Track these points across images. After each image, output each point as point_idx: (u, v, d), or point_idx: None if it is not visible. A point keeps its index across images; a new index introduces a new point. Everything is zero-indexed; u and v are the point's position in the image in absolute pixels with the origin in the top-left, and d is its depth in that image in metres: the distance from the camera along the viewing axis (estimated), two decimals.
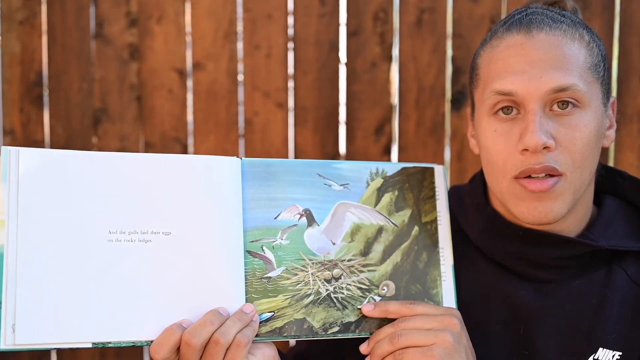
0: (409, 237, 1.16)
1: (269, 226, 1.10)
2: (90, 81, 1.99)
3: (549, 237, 1.14)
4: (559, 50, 1.08)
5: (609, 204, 1.21)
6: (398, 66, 1.83)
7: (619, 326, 1.11)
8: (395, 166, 1.19)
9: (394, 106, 1.85)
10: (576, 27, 1.12)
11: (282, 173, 1.12)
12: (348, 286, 1.12)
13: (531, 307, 1.14)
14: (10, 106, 2.04)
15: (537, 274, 1.16)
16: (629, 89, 1.71)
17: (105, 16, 1.96)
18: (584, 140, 1.08)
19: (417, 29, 1.80)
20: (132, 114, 1.98)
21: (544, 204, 1.09)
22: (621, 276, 1.13)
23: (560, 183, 1.08)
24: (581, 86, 1.07)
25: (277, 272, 1.09)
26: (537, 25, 1.10)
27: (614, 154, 1.75)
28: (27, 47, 2.02)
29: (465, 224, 1.23)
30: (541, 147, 1.06)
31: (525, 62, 1.08)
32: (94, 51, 1.99)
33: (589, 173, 1.11)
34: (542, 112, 1.08)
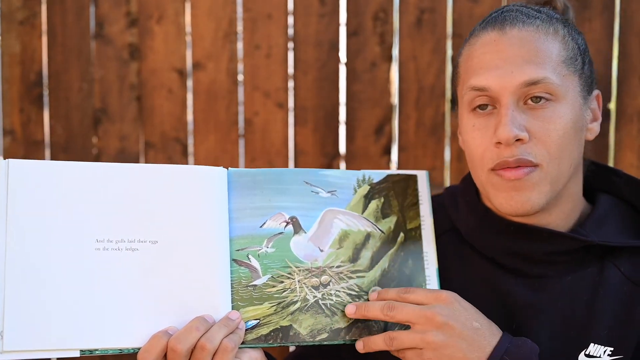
0: (395, 244, 1.18)
1: (254, 235, 1.11)
2: (90, 81, 1.99)
3: (540, 232, 1.16)
4: (531, 45, 1.11)
5: (603, 201, 1.22)
6: (398, 66, 1.83)
7: (610, 322, 1.12)
8: (381, 174, 1.20)
9: (394, 106, 1.85)
10: (551, 22, 1.14)
11: (268, 182, 1.14)
12: (337, 292, 1.12)
13: (523, 303, 1.15)
14: (10, 106, 2.04)
15: (529, 270, 1.17)
16: (629, 89, 1.71)
17: (105, 16, 1.96)
18: (558, 132, 1.10)
19: (417, 29, 1.80)
20: (132, 114, 1.98)
21: (520, 194, 1.12)
22: (614, 273, 1.14)
23: (536, 173, 1.11)
24: (554, 79, 1.10)
25: (262, 280, 1.10)
26: (510, 22, 1.14)
27: (614, 154, 1.75)
28: (27, 47, 2.02)
29: (459, 221, 1.25)
30: (513, 140, 1.09)
31: (498, 58, 1.12)
32: (94, 51, 1.99)
33: (569, 165, 1.13)
34: (515, 106, 1.11)
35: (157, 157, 1.97)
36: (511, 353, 1.05)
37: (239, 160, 1.93)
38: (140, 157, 1.99)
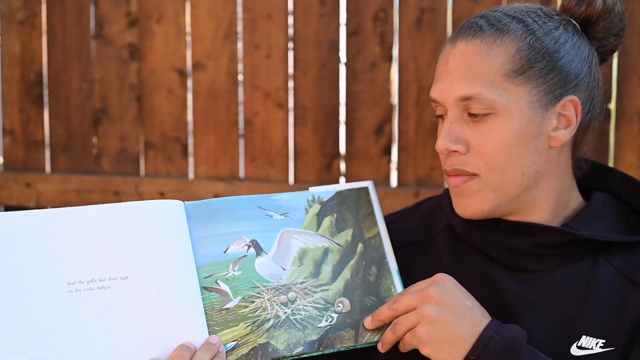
0: (355, 254, 1.22)
1: (219, 260, 1.14)
2: (90, 81, 1.99)
3: (530, 227, 1.18)
4: (471, 60, 1.15)
5: (596, 198, 1.23)
6: (398, 66, 1.83)
7: (603, 315, 1.14)
8: (330, 192, 1.24)
9: (394, 106, 1.85)
10: (501, 34, 1.16)
11: (224, 210, 1.17)
12: (305, 307, 1.16)
13: (516, 297, 1.17)
14: (10, 106, 2.04)
15: (521, 264, 1.19)
16: (629, 89, 1.71)
17: (105, 16, 1.96)
18: (496, 144, 1.14)
19: (417, 29, 1.80)
20: (132, 114, 1.98)
21: (463, 200, 1.18)
22: (606, 268, 1.16)
23: (474, 182, 1.16)
24: (487, 94, 1.13)
25: (234, 302, 1.13)
26: (461, 36, 1.19)
27: (614, 154, 1.75)
28: (27, 47, 2.02)
29: (453, 219, 1.27)
30: (445, 152, 1.17)
31: (444, 71, 1.18)
32: (94, 51, 1.99)
33: (519, 173, 1.16)
34: (456, 118, 1.17)
35: (157, 157, 1.97)
36: (500, 334, 1.08)
37: (239, 160, 1.93)
38: (140, 157, 1.99)
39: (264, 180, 1.91)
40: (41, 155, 2.04)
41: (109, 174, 2.00)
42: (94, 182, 1.98)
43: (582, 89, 1.18)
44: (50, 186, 2.01)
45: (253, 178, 1.92)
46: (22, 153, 2.05)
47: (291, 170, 1.91)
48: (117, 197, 1.97)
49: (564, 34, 1.18)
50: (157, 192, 1.95)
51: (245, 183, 1.91)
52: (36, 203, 2.02)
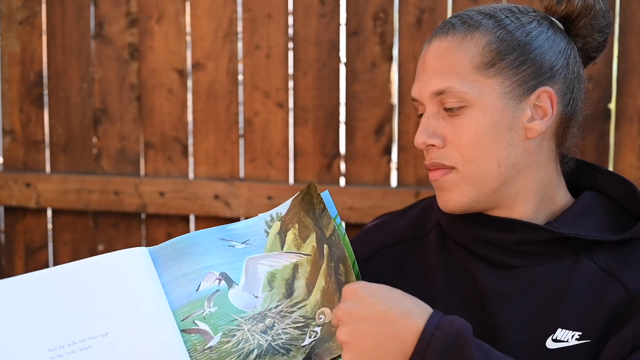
0: (323, 258, 1.17)
1: (194, 300, 1.12)
2: (90, 81, 1.99)
3: (512, 223, 1.20)
4: (443, 56, 1.19)
5: (584, 197, 1.24)
6: (398, 66, 1.83)
7: (580, 308, 1.14)
8: (286, 203, 1.22)
9: (394, 106, 1.85)
10: (473, 29, 1.19)
11: (188, 247, 1.15)
12: (284, 330, 1.13)
13: (494, 291, 1.18)
14: (10, 106, 2.04)
15: (502, 260, 1.20)
16: (629, 89, 1.71)
17: (105, 16, 1.96)
18: (470, 136, 1.17)
19: (417, 29, 1.80)
20: (132, 114, 1.98)
21: (443, 193, 1.21)
22: (588, 265, 1.17)
23: (452, 175, 1.19)
24: (458, 87, 1.16)
25: (216, 339, 1.11)
26: (435, 34, 1.22)
27: (614, 154, 1.75)
28: (27, 47, 2.02)
29: (440, 215, 1.29)
30: (423, 146, 1.20)
31: (422, 70, 1.22)
32: (94, 51, 1.99)
33: (496, 165, 1.18)
34: (433, 114, 1.20)
35: (157, 157, 1.97)
36: (443, 328, 0.99)
37: (239, 160, 1.93)
38: (141, 157, 1.99)
39: (264, 181, 1.91)
40: (41, 155, 2.04)
41: (109, 174, 2.00)
42: (94, 182, 1.98)
43: (559, 81, 1.20)
44: (50, 186, 2.01)
45: (253, 178, 1.92)
46: (22, 153, 2.05)
47: (291, 170, 1.91)
48: (117, 196, 1.97)
49: (537, 27, 1.20)
50: (157, 192, 1.95)
51: (245, 183, 1.91)
52: (36, 203, 2.02)
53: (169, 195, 1.94)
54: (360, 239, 1.39)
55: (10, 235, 2.09)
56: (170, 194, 1.94)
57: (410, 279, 1.28)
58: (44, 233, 2.08)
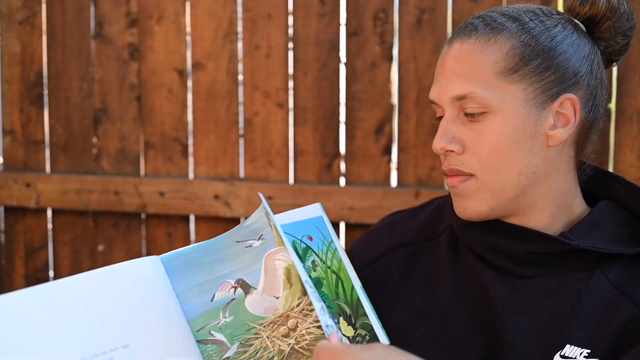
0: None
1: (208, 310, 1.10)
2: (90, 81, 1.99)
3: (526, 233, 1.17)
4: (465, 59, 1.15)
5: (600, 207, 1.21)
6: (398, 66, 1.83)
7: (590, 325, 1.12)
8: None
9: (394, 106, 1.85)
10: (495, 33, 1.16)
11: (202, 257, 1.12)
12: (308, 330, 1.09)
13: (504, 302, 1.16)
14: (10, 106, 2.04)
15: (514, 269, 1.17)
16: (629, 89, 1.71)
17: (105, 16, 1.96)
18: (491, 144, 1.14)
19: (417, 29, 1.80)
20: (132, 114, 1.98)
21: (461, 201, 1.18)
22: (601, 279, 1.14)
23: (470, 182, 1.16)
24: (481, 93, 1.13)
25: (232, 350, 1.09)
26: (457, 36, 1.19)
27: (614, 154, 1.74)
28: (27, 47, 2.02)
29: (452, 219, 1.26)
30: (441, 151, 1.17)
31: (441, 72, 1.18)
32: (94, 51, 1.99)
33: (516, 173, 1.15)
34: (452, 118, 1.17)
35: (157, 157, 1.97)
36: None
37: (239, 160, 1.93)
38: (141, 157, 1.99)
39: (264, 181, 1.91)
40: (41, 155, 2.04)
41: (109, 174, 2.00)
42: (94, 182, 1.98)
43: (582, 87, 1.17)
44: (50, 186, 2.01)
45: (253, 178, 1.92)
46: (22, 153, 2.05)
47: (291, 170, 1.91)
48: (117, 196, 1.97)
49: (561, 31, 1.17)
50: (157, 192, 1.95)
51: (245, 183, 1.91)
52: (36, 203, 2.02)
53: (169, 195, 1.94)
54: (370, 238, 1.37)
55: (10, 235, 2.09)
56: (170, 194, 1.94)
57: (418, 281, 1.26)
58: (44, 233, 2.08)
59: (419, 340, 1.20)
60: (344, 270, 1.21)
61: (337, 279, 1.20)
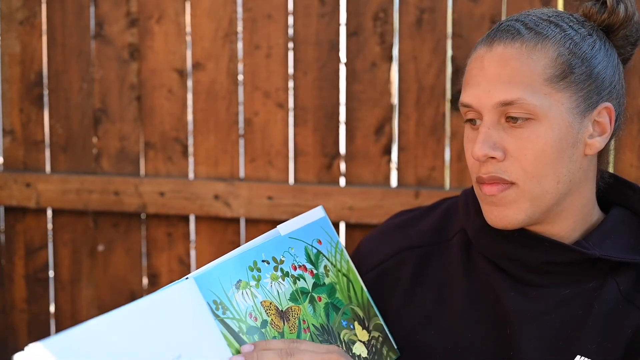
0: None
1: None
2: (90, 81, 1.99)
3: (541, 241, 1.16)
4: (512, 64, 1.12)
5: (614, 214, 1.20)
6: (398, 66, 1.83)
7: (601, 336, 1.12)
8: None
9: (394, 106, 1.85)
10: (541, 39, 1.13)
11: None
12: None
13: (517, 310, 1.15)
14: (10, 106, 2.04)
15: (528, 277, 1.17)
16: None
17: (105, 16, 1.96)
18: (535, 151, 1.11)
19: (417, 29, 1.80)
20: (132, 114, 1.98)
21: (498, 209, 1.14)
22: (613, 290, 1.14)
23: (511, 191, 1.12)
24: (530, 99, 1.10)
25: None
26: (498, 38, 1.14)
27: (614, 154, 1.74)
28: (27, 47, 2.02)
29: (467, 221, 1.25)
30: (483, 158, 1.12)
31: (481, 75, 1.14)
32: (94, 51, 1.99)
33: (555, 182, 1.13)
34: (494, 124, 1.12)
35: (157, 157, 1.97)
36: None
37: (239, 160, 1.93)
38: (141, 157, 1.99)
39: (264, 180, 1.91)
40: (41, 155, 2.04)
41: (109, 174, 2.00)
42: (94, 182, 1.98)
43: (614, 96, 1.17)
44: (50, 186, 2.01)
45: (253, 178, 1.92)
46: (22, 153, 2.05)
47: (291, 170, 1.91)
48: (117, 196, 1.97)
49: (597, 40, 1.16)
50: (157, 192, 1.95)
51: (245, 183, 1.91)
52: (36, 203, 2.02)
53: (169, 195, 1.94)
54: (379, 238, 1.36)
55: (10, 235, 2.09)
56: (170, 194, 1.94)
57: (428, 285, 1.25)
58: (44, 233, 2.08)
59: (428, 345, 1.19)
60: (352, 271, 1.21)
61: (348, 281, 1.20)
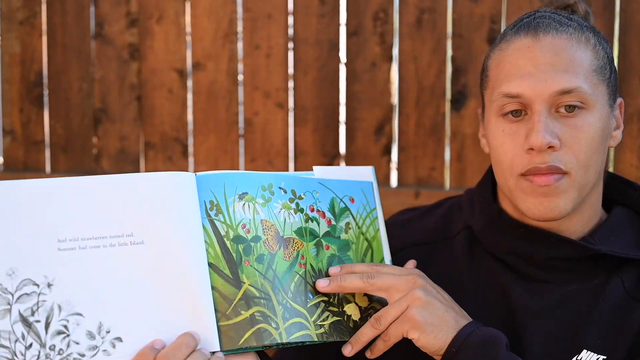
0: None
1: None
2: (90, 81, 1.99)
3: (548, 237, 1.16)
4: (565, 53, 1.12)
5: (616, 212, 1.22)
6: (398, 66, 1.83)
7: (606, 331, 1.13)
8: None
9: (394, 106, 1.85)
10: (582, 30, 1.15)
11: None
12: None
13: (523, 305, 1.16)
14: (10, 106, 2.04)
15: (534, 273, 1.17)
16: (629, 89, 1.71)
17: (105, 16, 1.96)
18: (588, 140, 1.11)
19: (417, 29, 1.80)
20: (132, 114, 1.98)
21: (549, 200, 1.12)
22: (617, 286, 1.15)
23: (565, 180, 1.12)
24: (586, 88, 1.11)
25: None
26: (544, 29, 1.14)
27: (614, 154, 1.75)
28: (27, 47, 2.02)
29: (472, 219, 1.25)
30: (546, 147, 1.10)
31: (532, 65, 1.12)
32: (94, 51, 1.99)
33: (595, 172, 1.14)
34: (547, 113, 1.11)
35: (157, 157, 1.97)
36: (482, 330, 1.09)
37: (239, 160, 1.93)
38: (141, 157, 1.99)
39: None
40: (41, 155, 2.04)
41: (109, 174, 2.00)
42: None
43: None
44: None
45: None
46: (22, 153, 2.05)
47: (291, 171, 1.91)
48: None
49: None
50: None
51: None
52: None
53: None
54: None
55: None
56: None
57: (434, 282, 1.26)
58: None
59: None
60: (378, 241, 1.22)
61: (368, 247, 1.21)
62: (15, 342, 0.98)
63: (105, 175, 1.07)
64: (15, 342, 0.98)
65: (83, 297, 1.01)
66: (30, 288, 1.00)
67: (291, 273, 1.11)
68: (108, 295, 1.02)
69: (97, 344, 1.01)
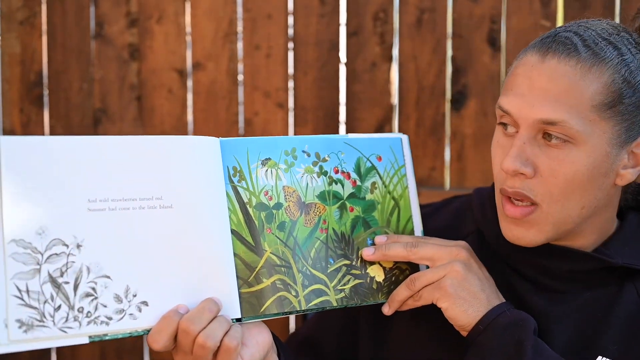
0: None
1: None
2: (90, 81, 1.99)
3: (564, 251, 1.15)
4: (563, 81, 1.06)
5: (630, 220, 1.20)
6: (398, 66, 1.83)
7: (621, 338, 1.12)
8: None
9: (394, 106, 1.85)
10: (599, 61, 1.07)
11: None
12: None
13: (538, 311, 1.15)
14: (10, 106, 2.04)
15: (551, 284, 1.16)
16: None
17: (105, 16, 1.96)
18: (567, 175, 1.06)
19: (417, 29, 1.80)
20: (132, 114, 1.98)
21: (517, 229, 1.11)
22: (632, 294, 1.15)
23: (536, 214, 1.09)
24: (573, 123, 1.05)
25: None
26: (553, 50, 1.07)
27: None
28: (27, 47, 2.02)
29: (485, 225, 1.22)
30: (512, 173, 1.07)
31: (527, 85, 1.08)
32: (94, 51, 1.99)
33: (579, 207, 1.10)
34: (529, 138, 1.07)
35: None
36: (512, 312, 1.10)
37: None
38: None
39: None
40: None
41: None
42: None
43: None
44: None
45: None
46: None
47: None
48: None
49: None
50: None
51: None
52: None
53: None
54: None
55: None
56: None
57: None
58: None
59: (446, 349, 1.18)
60: (406, 199, 1.19)
61: (395, 206, 1.19)
62: (44, 303, 0.96)
63: (133, 136, 1.06)
64: (45, 303, 0.96)
65: (111, 259, 0.99)
66: (60, 248, 0.97)
67: (312, 239, 1.11)
68: (135, 259, 1.00)
69: (124, 308, 1.00)
